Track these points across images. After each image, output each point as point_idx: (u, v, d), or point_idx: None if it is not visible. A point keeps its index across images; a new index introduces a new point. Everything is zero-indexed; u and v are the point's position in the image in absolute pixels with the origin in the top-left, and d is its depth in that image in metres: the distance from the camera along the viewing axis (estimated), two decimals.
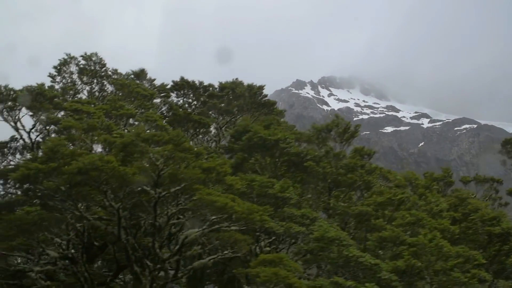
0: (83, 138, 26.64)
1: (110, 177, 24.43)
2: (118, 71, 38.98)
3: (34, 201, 30.20)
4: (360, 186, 31.13)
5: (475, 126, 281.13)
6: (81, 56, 38.14)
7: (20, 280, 32.72)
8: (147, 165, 25.48)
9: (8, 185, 33.27)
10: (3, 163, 35.85)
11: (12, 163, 35.70)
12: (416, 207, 33.65)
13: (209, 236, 26.83)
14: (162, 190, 25.66)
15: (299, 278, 24.94)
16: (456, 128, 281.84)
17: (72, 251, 29.13)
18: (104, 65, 38.37)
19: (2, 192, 34.05)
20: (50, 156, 24.93)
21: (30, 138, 33.99)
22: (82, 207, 26.14)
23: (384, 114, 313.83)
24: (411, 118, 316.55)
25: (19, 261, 31.53)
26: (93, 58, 38.09)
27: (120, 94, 36.43)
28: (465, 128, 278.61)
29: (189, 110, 40.55)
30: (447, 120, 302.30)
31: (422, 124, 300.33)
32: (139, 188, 25.92)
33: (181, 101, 42.45)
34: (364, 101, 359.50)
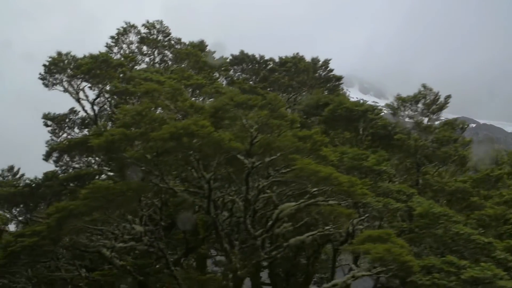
0: (167, 103, 24.35)
1: (203, 144, 22.19)
2: (182, 40, 36.51)
3: (107, 173, 28.24)
4: (455, 161, 28.73)
5: (474, 125, 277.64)
6: (143, 24, 35.72)
7: (86, 260, 30.71)
8: (240, 133, 23.21)
9: (71, 158, 31.16)
10: (60, 137, 33.66)
11: (69, 136, 33.56)
12: (505, 186, 31.39)
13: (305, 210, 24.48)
14: (256, 160, 23.37)
15: None
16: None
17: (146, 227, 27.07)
18: (169, 34, 35.96)
19: (61, 167, 31.85)
20: (137, 120, 22.73)
21: (93, 110, 31.74)
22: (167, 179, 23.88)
23: (382, 113, 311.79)
24: None
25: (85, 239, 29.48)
26: (157, 26, 35.69)
27: (185, 64, 34.11)
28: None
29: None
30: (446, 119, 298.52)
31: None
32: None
33: (241, 75, 40.20)
34: (363, 99, 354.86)
